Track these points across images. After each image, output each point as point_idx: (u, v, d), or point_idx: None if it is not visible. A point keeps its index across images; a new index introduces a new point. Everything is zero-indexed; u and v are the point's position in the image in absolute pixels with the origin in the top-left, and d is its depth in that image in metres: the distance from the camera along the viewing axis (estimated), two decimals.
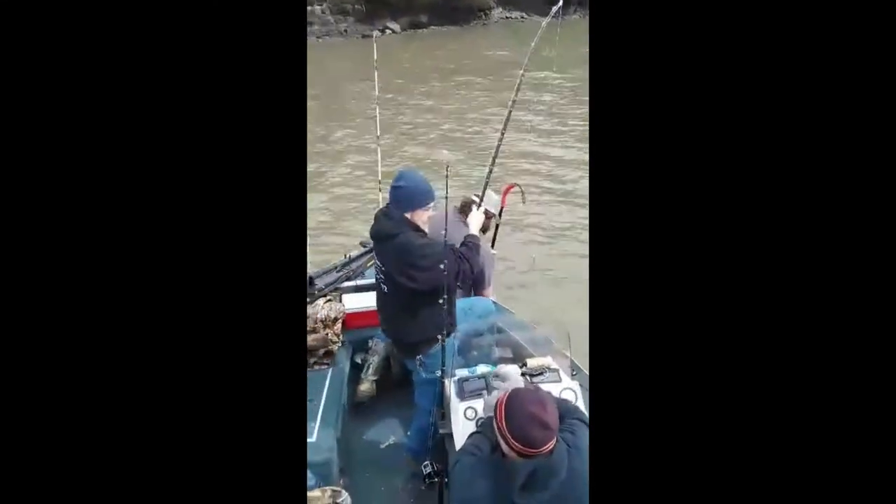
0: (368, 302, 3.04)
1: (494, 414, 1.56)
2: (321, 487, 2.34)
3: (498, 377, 2.19)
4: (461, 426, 2.16)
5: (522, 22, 21.59)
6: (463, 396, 2.23)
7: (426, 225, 2.42)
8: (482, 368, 2.39)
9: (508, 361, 2.57)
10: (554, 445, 1.51)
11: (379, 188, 3.80)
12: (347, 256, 3.64)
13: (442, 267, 2.26)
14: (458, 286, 2.47)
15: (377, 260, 2.57)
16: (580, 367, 2.44)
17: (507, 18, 22.30)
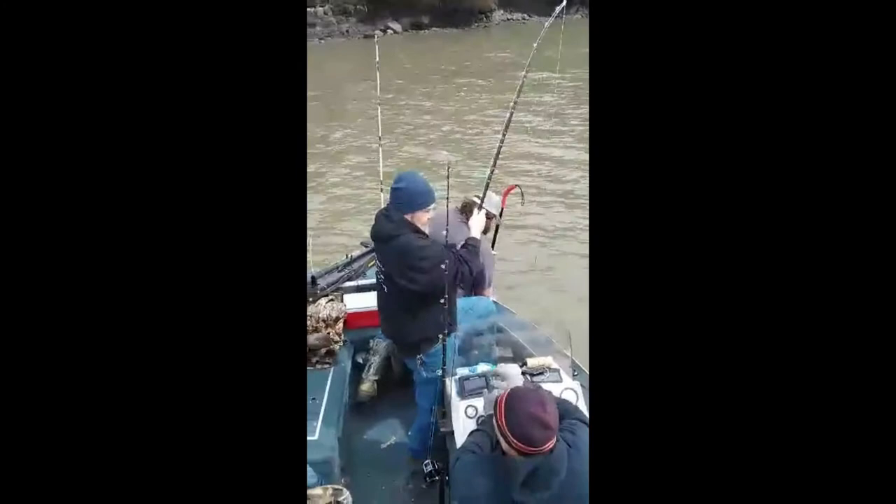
0: (370, 302, 3.04)
1: (494, 412, 1.57)
2: (323, 486, 2.34)
3: (498, 376, 2.20)
4: (462, 425, 2.16)
5: (524, 23, 21.58)
6: (464, 395, 2.24)
7: (426, 226, 2.42)
8: (483, 367, 2.40)
9: (509, 361, 2.58)
10: (554, 444, 1.52)
11: (381, 188, 3.81)
12: (349, 256, 3.65)
13: (443, 267, 2.27)
14: (458, 287, 2.48)
15: (377, 260, 2.58)
16: (581, 366, 2.45)
17: (508, 20, 22.29)
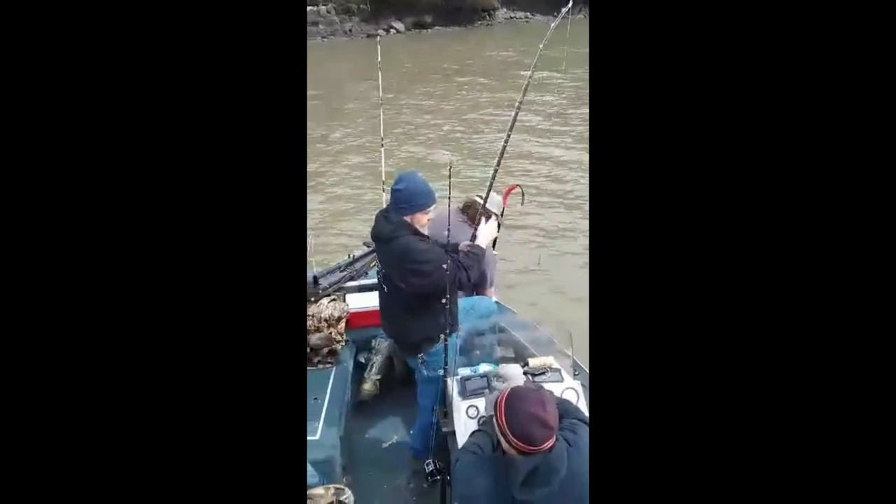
0: (372, 301, 3.05)
1: (495, 412, 1.57)
2: (324, 485, 2.35)
3: (500, 378, 2.20)
4: (463, 424, 2.17)
5: (527, 22, 21.53)
6: (465, 395, 2.25)
7: (426, 227, 2.41)
8: (484, 367, 2.40)
9: (510, 361, 2.59)
10: (554, 443, 1.53)
11: (382, 188, 3.82)
12: (351, 256, 3.65)
13: (445, 267, 2.27)
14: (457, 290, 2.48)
15: (378, 260, 2.58)
16: (582, 366, 2.46)
17: (511, 19, 22.25)
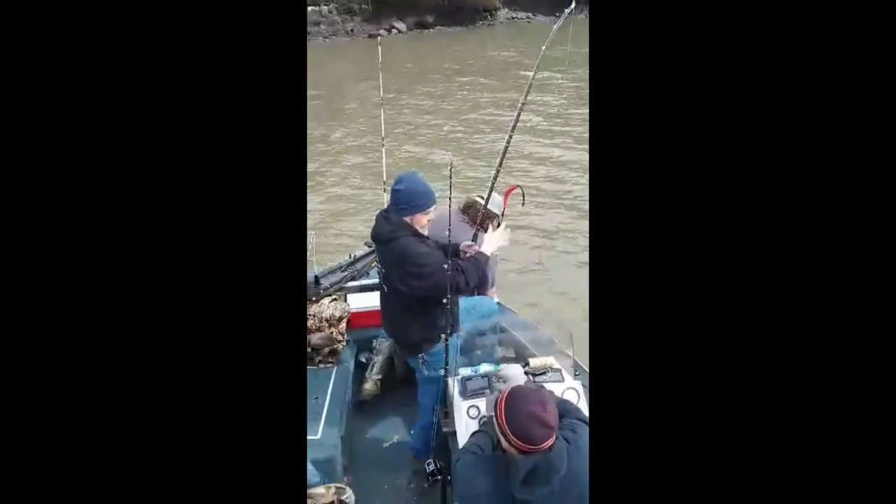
0: (373, 301, 3.05)
1: (495, 411, 1.58)
2: (325, 484, 2.36)
3: (501, 379, 2.20)
4: (464, 424, 2.17)
5: (528, 23, 21.53)
6: (466, 395, 2.25)
7: (425, 228, 2.40)
8: (485, 367, 2.40)
9: (511, 361, 2.59)
10: (554, 442, 1.53)
11: (383, 188, 3.82)
12: (352, 256, 3.66)
13: (446, 267, 2.27)
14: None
15: (378, 261, 2.58)
16: (583, 366, 2.46)
17: (512, 19, 22.25)
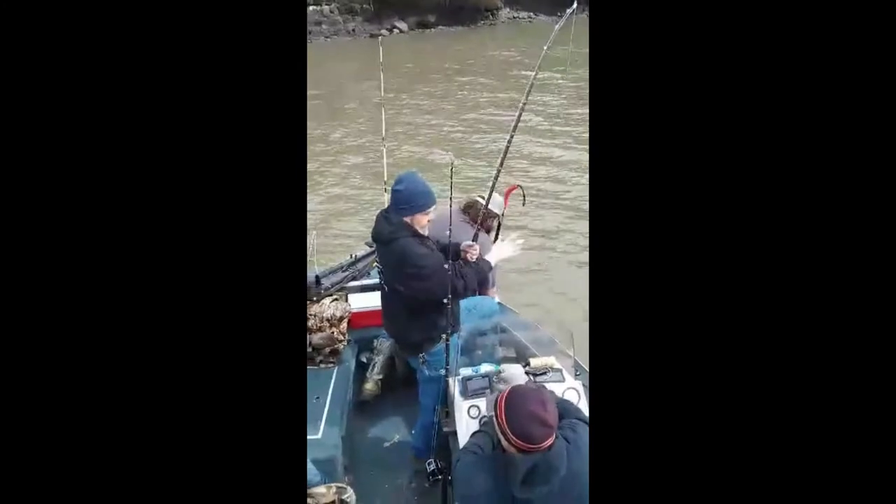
0: (374, 301, 3.06)
1: (495, 410, 1.58)
2: (326, 484, 2.36)
3: (502, 381, 2.20)
4: (465, 424, 2.17)
5: (530, 22, 21.53)
6: (467, 395, 2.25)
7: (426, 229, 2.40)
8: (486, 367, 2.41)
9: (512, 361, 2.59)
10: (553, 442, 1.53)
11: (384, 189, 3.82)
12: (353, 256, 3.66)
13: (446, 266, 2.27)
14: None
15: (378, 261, 2.59)
16: (583, 366, 2.46)
17: (514, 18, 22.24)
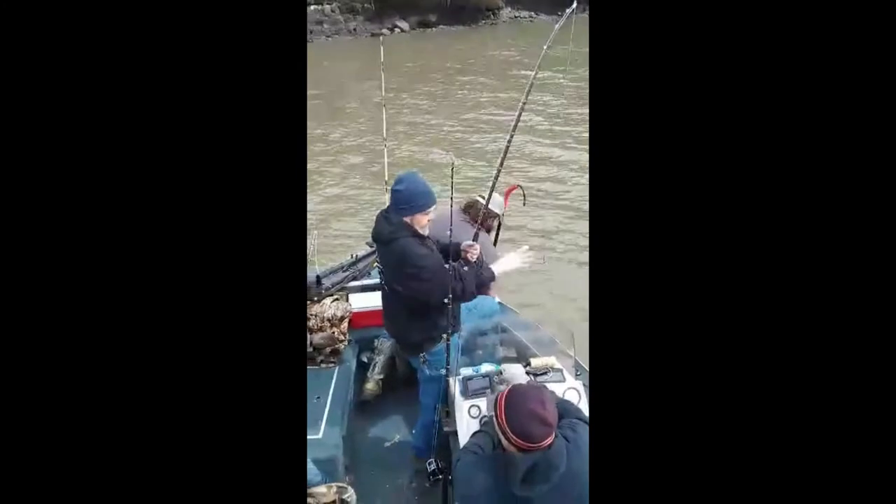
0: (374, 301, 3.06)
1: (494, 409, 1.59)
2: (327, 484, 2.37)
3: (504, 382, 2.21)
4: (465, 424, 2.18)
5: (531, 21, 21.54)
6: (467, 395, 2.25)
7: (426, 229, 2.40)
8: (486, 367, 2.41)
9: (512, 361, 2.60)
10: (553, 440, 1.54)
11: (385, 188, 3.83)
12: (354, 256, 3.67)
13: (447, 266, 2.27)
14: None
15: (378, 261, 2.59)
16: (584, 366, 2.46)
17: (515, 18, 22.25)
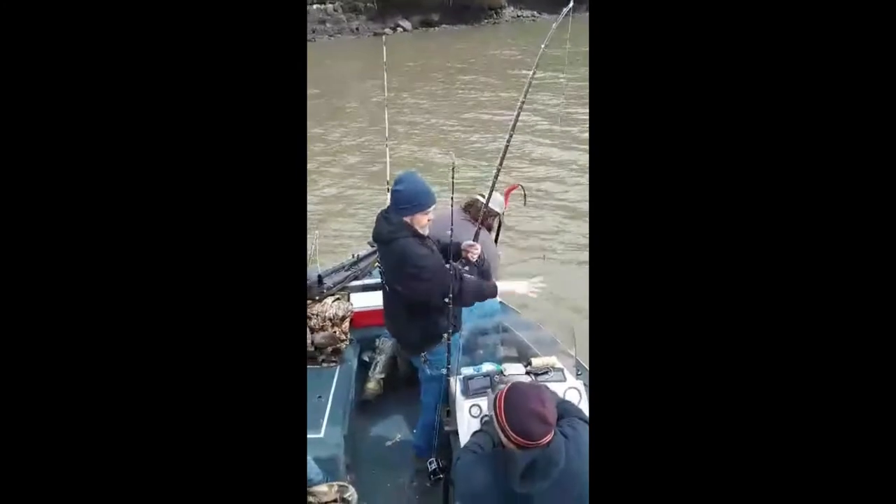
0: (376, 301, 3.06)
1: (494, 407, 1.59)
2: (328, 483, 2.37)
3: (503, 381, 2.21)
4: (466, 423, 2.18)
5: (534, 21, 21.54)
6: (468, 394, 2.26)
7: (426, 228, 2.39)
8: (487, 367, 2.41)
9: (513, 360, 2.60)
10: (552, 438, 1.54)
11: (387, 188, 3.83)
12: (355, 256, 3.67)
13: (448, 266, 2.27)
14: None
15: (379, 261, 2.59)
16: (584, 366, 2.46)
17: (518, 17, 22.25)
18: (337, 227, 6.45)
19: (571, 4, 2.57)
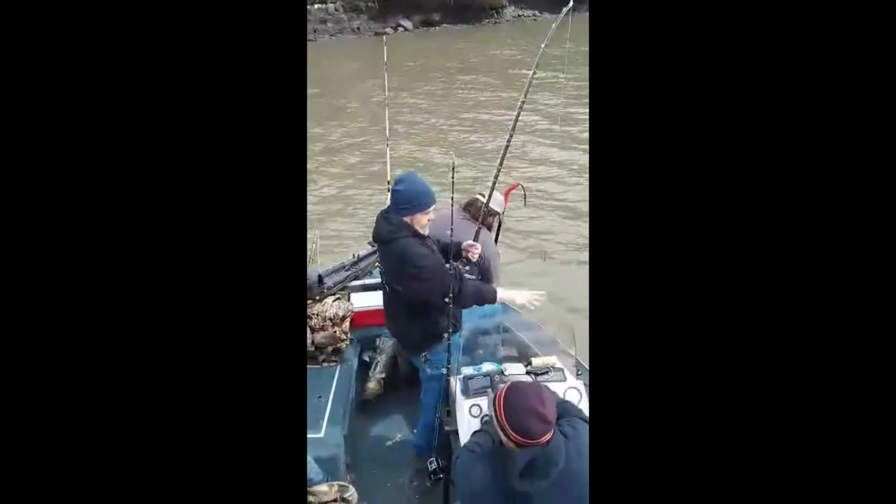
0: (376, 301, 3.06)
1: (494, 406, 1.60)
2: (328, 482, 2.38)
3: (503, 381, 2.21)
4: (466, 423, 2.18)
5: (535, 20, 21.54)
6: (468, 394, 2.26)
7: (426, 228, 2.40)
8: (487, 366, 2.41)
9: (514, 360, 2.60)
10: (551, 436, 1.55)
11: (388, 187, 3.83)
12: (356, 256, 3.67)
13: (448, 266, 2.28)
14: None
15: (379, 261, 2.59)
16: (585, 366, 2.46)
17: (519, 17, 22.26)
18: (336, 227, 6.45)
19: (571, 4, 2.58)
